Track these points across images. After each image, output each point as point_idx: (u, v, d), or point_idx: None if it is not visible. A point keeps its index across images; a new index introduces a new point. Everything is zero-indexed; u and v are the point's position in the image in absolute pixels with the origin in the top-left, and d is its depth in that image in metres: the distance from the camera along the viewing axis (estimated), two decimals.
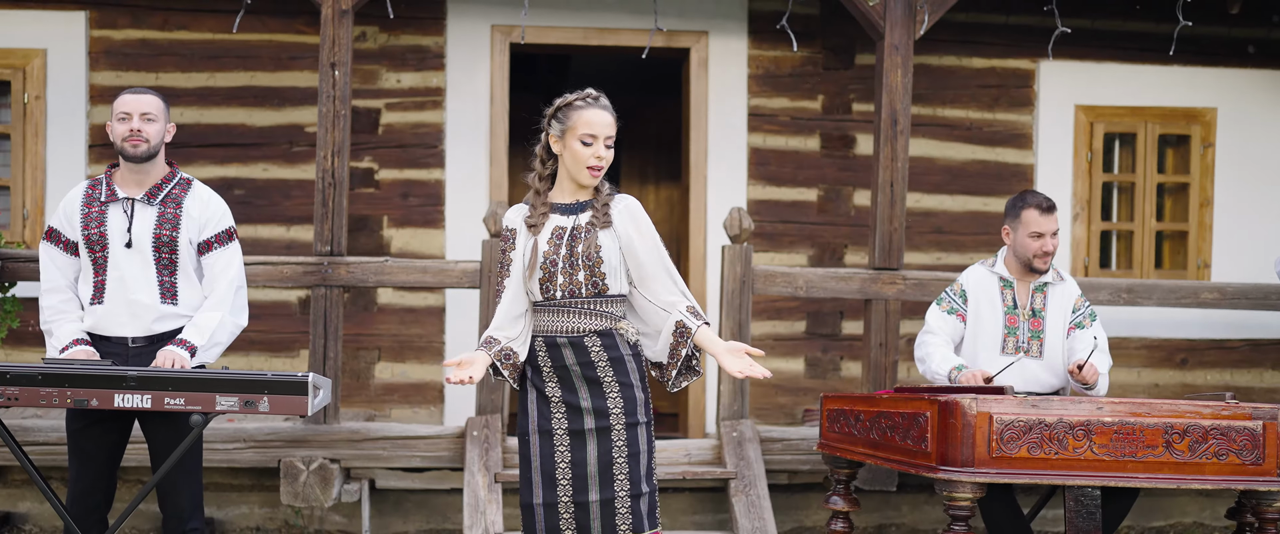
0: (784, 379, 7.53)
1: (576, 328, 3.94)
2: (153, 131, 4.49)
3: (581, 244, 3.90)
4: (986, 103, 7.62)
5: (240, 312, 4.63)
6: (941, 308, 5.33)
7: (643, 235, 3.94)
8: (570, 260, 3.91)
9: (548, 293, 3.94)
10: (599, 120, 3.91)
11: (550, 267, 3.92)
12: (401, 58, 7.29)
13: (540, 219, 3.97)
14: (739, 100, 7.46)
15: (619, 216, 3.94)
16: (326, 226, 6.13)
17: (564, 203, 3.98)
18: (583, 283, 3.91)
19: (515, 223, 4.02)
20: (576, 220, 3.96)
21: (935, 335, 5.29)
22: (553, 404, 3.98)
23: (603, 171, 3.94)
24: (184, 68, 7.22)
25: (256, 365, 7.26)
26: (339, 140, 6.13)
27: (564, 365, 3.95)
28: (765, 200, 7.49)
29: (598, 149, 3.90)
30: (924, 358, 5.29)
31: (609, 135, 3.91)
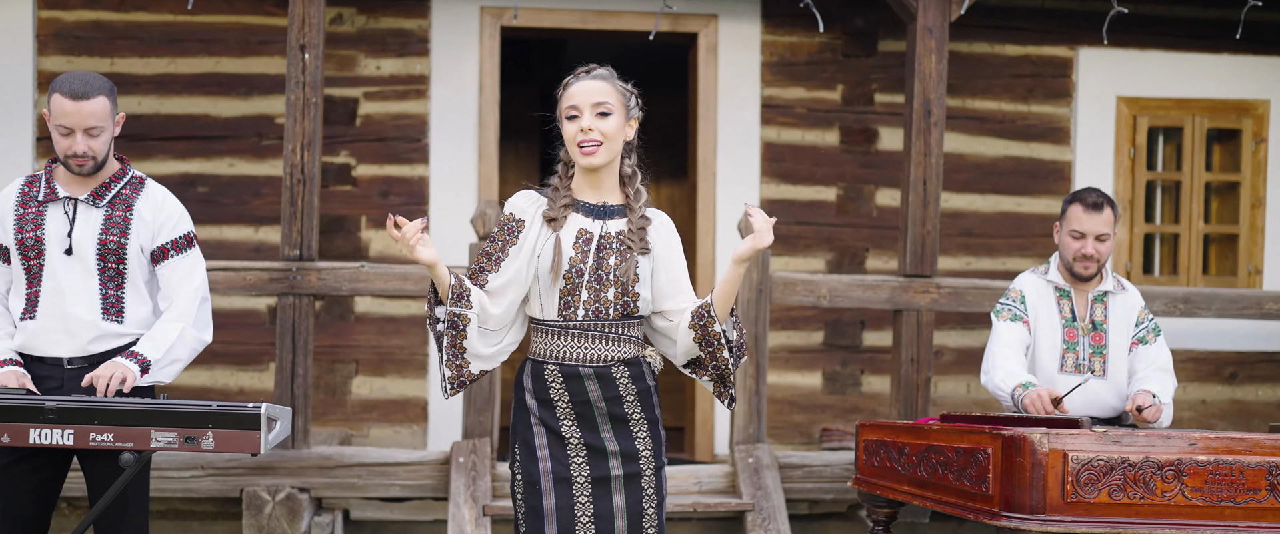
0: (800, 395, 6.90)
1: (602, 356, 3.36)
2: (99, 145, 3.84)
3: (614, 257, 3.34)
4: (1020, 94, 7.01)
5: (204, 326, 3.99)
6: (1003, 317, 4.69)
7: (674, 252, 3.46)
8: (598, 274, 3.34)
9: (568, 310, 3.34)
10: (579, 90, 3.34)
11: (574, 277, 3.33)
12: (382, 42, 6.65)
13: (562, 213, 3.37)
14: (751, 90, 6.83)
15: (656, 239, 3.43)
16: (295, 228, 5.48)
17: (589, 201, 3.40)
18: (611, 302, 3.34)
19: (526, 212, 3.40)
20: (605, 226, 3.38)
21: (1006, 346, 4.64)
22: (571, 446, 3.37)
23: (603, 148, 3.33)
24: (141, 53, 6.57)
25: (222, 380, 6.61)
26: (309, 131, 5.48)
27: (587, 401, 3.36)
28: (780, 200, 6.86)
29: (583, 122, 3.31)
30: (989, 369, 4.65)
31: (598, 102, 3.31)
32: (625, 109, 3.35)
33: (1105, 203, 4.53)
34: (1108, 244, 4.53)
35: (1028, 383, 4.51)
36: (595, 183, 3.39)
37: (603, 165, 3.36)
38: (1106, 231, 4.51)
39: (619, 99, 3.33)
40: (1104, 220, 4.51)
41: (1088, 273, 4.54)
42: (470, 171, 6.66)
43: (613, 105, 3.31)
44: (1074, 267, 4.55)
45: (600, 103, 3.32)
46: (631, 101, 3.40)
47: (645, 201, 3.44)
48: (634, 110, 3.41)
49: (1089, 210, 4.50)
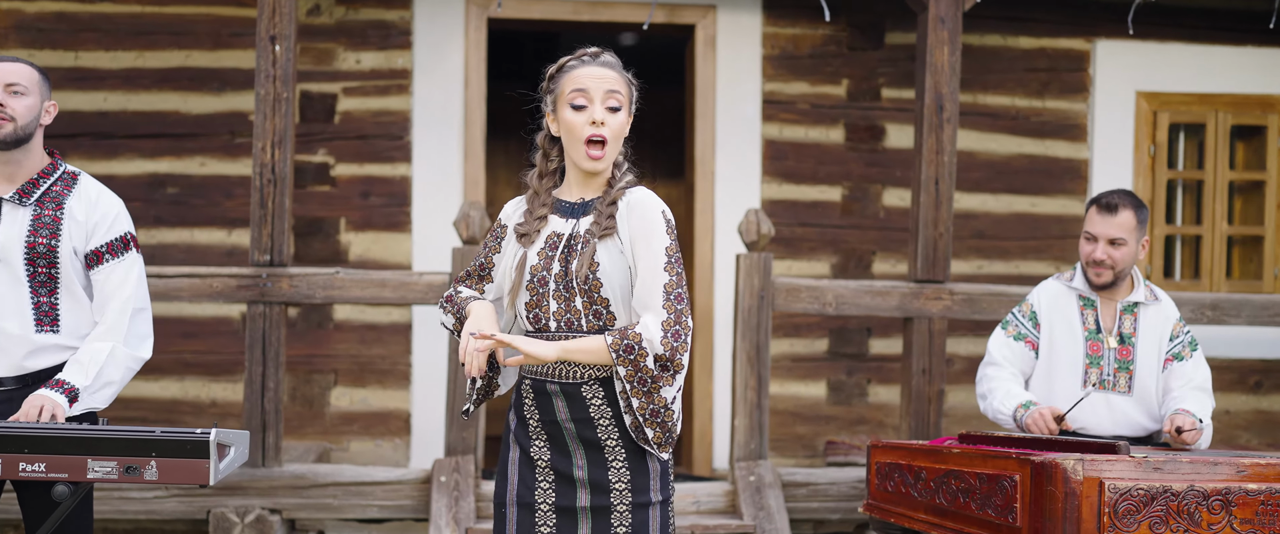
0: (803, 406, 6.55)
1: (572, 371, 2.98)
2: (21, 107, 3.46)
3: (577, 259, 2.93)
4: (1035, 88, 6.66)
5: (140, 341, 3.61)
6: (1007, 333, 4.38)
7: (650, 241, 2.91)
8: (564, 280, 2.95)
9: (539, 323, 2.99)
10: (589, 76, 2.96)
11: (539, 287, 2.97)
12: (361, 35, 6.30)
13: (535, 226, 3.02)
14: (752, 85, 6.48)
15: (624, 218, 2.94)
16: (265, 232, 5.13)
17: (567, 200, 3.04)
18: (582, 312, 2.95)
19: (511, 219, 3.11)
20: (577, 225, 3.00)
21: (999, 367, 4.34)
22: (538, 469, 3.03)
23: (608, 149, 2.95)
24: (108, 46, 6.22)
25: (193, 392, 6.27)
26: (280, 128, 5.13)
27: (555, 420, 3.01)
28: (781, 200, 6.51)
29: (594, 112, 2.93)
30: (985, 394, 4.33)
31: (611, 91, 2.94)
32: (630, 103, 3.00)
33: (1124, 205, 4.18)
34: (1123, 250, 4.18)
35: (1029, 402, 4.18)
36: (586, 178, 3.01)
37: (605, 168, 3.00)
38: (1122, 236, 4.16)
39: (627, 93, 2.99)
40: (1119, 224, 4.15)
41: (1100, 281, 4.20)
42: (455, 171, 6.31)
43: (623, 99, 2.97)
44: (1088, 272, 4.22)
45: (613, 92, 2.95)
46: (634, 94, 3.05)
47: (629, 183, 3.01)
48: (636, 104, 3.06)
49: (1102, 212, 4.16)
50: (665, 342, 2.84)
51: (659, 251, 2.90)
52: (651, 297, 2.88)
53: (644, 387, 2.88)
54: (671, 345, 2.84)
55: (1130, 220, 4.14)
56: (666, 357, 2.85)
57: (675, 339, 2.85)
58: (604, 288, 2.91)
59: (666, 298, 2.87)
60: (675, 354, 2.85)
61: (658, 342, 2.84)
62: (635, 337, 2.85)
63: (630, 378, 2.87)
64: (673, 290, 2.89)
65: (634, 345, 2.85)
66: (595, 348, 2.88)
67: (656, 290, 2.87)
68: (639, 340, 2.85)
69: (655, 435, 2.92)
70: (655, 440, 2.93)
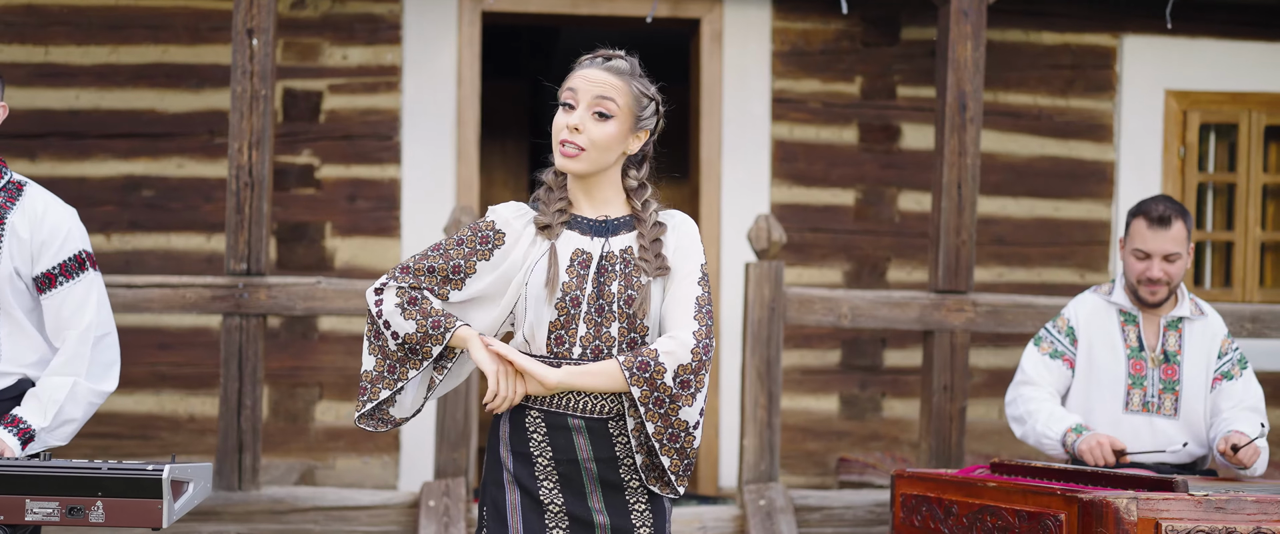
0: (814, 421, 6.22)
1: (598, 405, 2.69)
2: None
3: (617, 282, 2.66)
4: (1059, 87, 6.33)
5: (103, 372, 3.21)
6: (1041, 350, 4.04)
7: (688, 259, 2.73)
8: (598, 303, 2.66)
9: (561, 346, 2.67)
10: (588, 77, 2.68)
11: (571, 307, 2.66)
12: (348, 29, 5.96)
13: (557, 219, 2.71)
14: (760, 82, 6.15)
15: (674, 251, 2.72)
16: (242, 238, 4.79)
17: (587, 217, 2.73)
18: (615, 340, 2.67)
19: (511, 226, 2.74)
20: (608, 245, 2.70)
21: (1035, 387, 4.00)
22: (549, 514, 2.70)
23: (580, 156, 2.66)
24: (79, 40, 5.89)
25: (170, 406, 5.93)
26: (257, 128, 4.79)
27: (573, 460, 2.69)
28: (792, 204, 6.18)
29: (576, 116, 2.65)
30: (1022, 417, 3.99)
31: (600, 97, 2.65)
32: (633, 118, 2.68)
33: (1175, 215, 3.83)
34: (1178, 264, 3.84)
35: (1080, 426, 3.84)
36: (590, 190, 2.72)
37: (585, 174, 2.70)
38: (1176, 251, 3.82)
39: (629, 102, 2.66)
40: (1173, 237, 3.81)
41: (1155, 299, 3.86)
42: (447, 173, 5.97)
43: (618, 107, 2.64)
44: (1139, 291, 3.87)
45: (603, 99, 2.65)
46: (648, 109, 2.72)
47: (656, 211, 2.75)
48: (647, 120, 2.73)
49: (1155, 226, 3.81)
50: (696, 352, 2.63)
51: (695, 268, 2.71)
52: (683, 309, 2.67)
53: (660, 408, 2.61)
54: (701, 359, 2.63)
55: (1182, 232, 3.81)
56: (693, 368, 2.62)
57: (705, 353, 2.64)
58: (648, 317, 2.69)
59: (699, 310, 2.67)
60: (702, 368, 2.64)
61: (687, 352, 2.62)
62: (650, 353, 2.61)
63: (646, 399, 2.60)
64: (704, 304, 2.69)
65: (649, 362, 2.60)
66: (605, 370, 2.62)
67: (689, 303, 2.67)
68: (654, 357, 2.60)
69: (672, 463, 2.64)
70: (672, 469, 2.65)
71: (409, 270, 2.74)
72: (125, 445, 5.90)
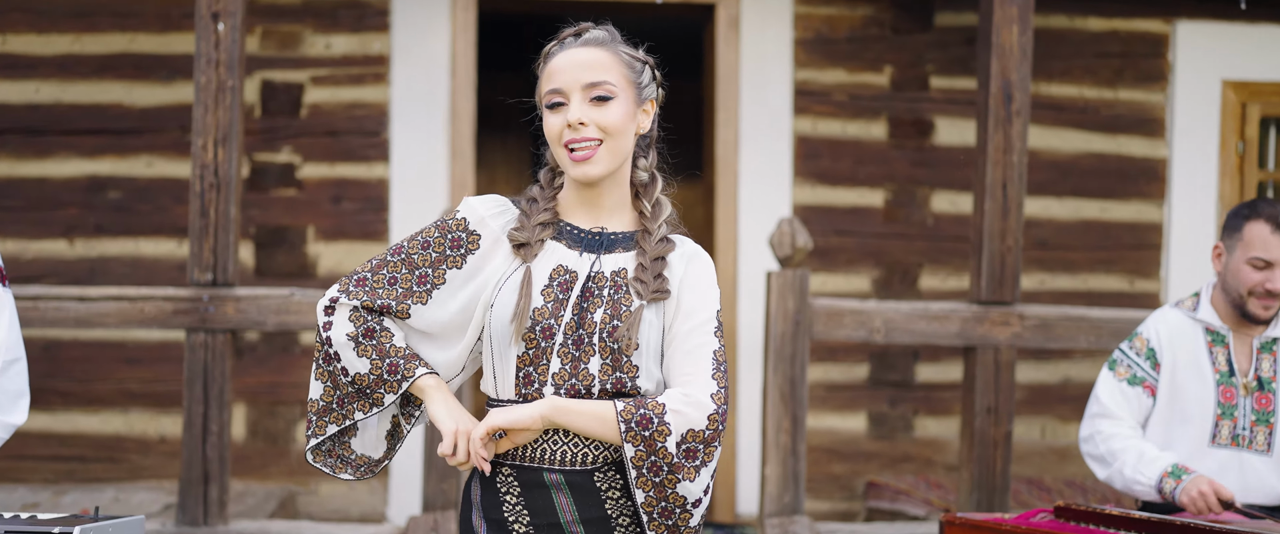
0: (840, 441, 5.71)
1: (579, 456, 2.19)
2: None
3: (602, 310, 2.19)
4: (1106, 77, 5.81)
5: (13, 403, 2.72)
6: (1118, 375, 3.50)
7: (701, 298, 2.25)
8: (578, 335, 2.18)
9: (530, 386, 2.19)
10: (565, 64, 2.21)
11: (542, 338, 2.18)
12: (331, 15, 5.47)
13: (536, 236, 2.24)
14: (782, 73, 5.64)
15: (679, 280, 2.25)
16: (207, 245, 4.31)
17: (578, 226, 2.26)
18: (594, 378, 2.18)
19: (486, 225, 2.26)
20: (598, 263, 2.23)
21: (1117, 421, 3.47)
22: None
23: (598, 152, 2.19)
24: (40, 28, 5.42)
25: (139, 426, 5.46)
26: (224, 123, 4.31)
27: (556, 524, 2.20)
28: (816, 206, 5.67)
29: (573, 110, 2.19)
30: (1105, 457, 3.45)
31: (593, 81, 2.19)
32: (635, 88, 2.22)
33: None
34: None
35: (1178, 469, 3.31)
36: (593, 198, 2.25)
37: (604, 176, 2.21)
38: None
39: (625, 73, 2.21)
40: None
41: (1267, 314, 3.35)
42: (440, 172, 5.48)
43: (615, 84, 2.18)
44: (1248, 306, 3.35)
45: (597, 82, 2.18)
46: (645, 75, 2.26)
47: (669, 219, 2.29)
48: (648, 87, 2.27)
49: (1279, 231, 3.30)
50: (712, 418, 2.13)
51: (711, 315, 2.23)
52: (698, 362, 2.18)
53: (656, 476, 2.12)
54: (716, 428, 2.14)
55: None
56: (705, 437, 2.13)
57: (721, 421, 2.15)
58: (637, 352, 2.18)
59: (717, 368, 2.19)
60: (715, 439, 2.15)
61: (703, 416, 2.13)
62: (656, 408, 2.12)
63: (640, 461, 2.11)
64: (722, 361, 2.21)
65: (652, 419, 2.11)
66: (598, 413, 2.14)
67: (705, 355, 2.19)
68: (660, 414, 2.11)
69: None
70: None
71: (365, 282, 2.26)
72: (91, 468, 5.43)
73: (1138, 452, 3.36)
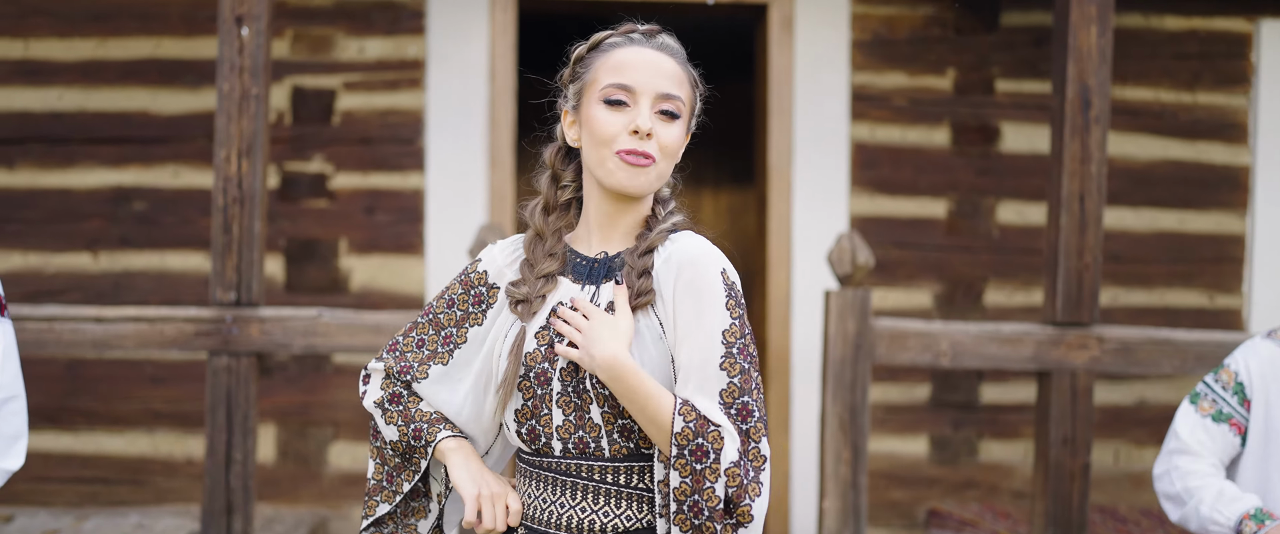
0: (900, 465, 5.40)
1: (589, 521, 1.94)
2: None
3: None
4: (1184, 79, 5.46)
5: (7, 447, 2.51)
6: (1200, 410, 3.18)
7: (702, 317, 1.89)
8: (576, 378, 1.92)
9: (536, 441, 1.96)
10: (645, 61, 1.94)
11: (537, 386, 1.94)
12: (365, 18, 5.22)
13: (536, 290, 1.98)
14: (838, 76, 5.33)
15: (667, 280, 1.93)
16: (230, 263, 4.06)
17: (583, 255, 2.01)
18: (600, 429, 1.92)
19: (505, 276, 2.05)
20: (596, 296, 1.97)
21: (1196, 457, 3.15)
22: None
23: (650, 169, 1.94)
24: (62, 32, 5.19)
25: (165, 447, 5.23)
26: (248, 133, 4.06)
27: None
28: (874, 217, 5.36)
29: (639, 116, 1.92)
30: (1180, 496, 3.14)
31: (666, 93, 1.95)
32: (692, 113, 2.02)
33: None
34: None
35: (1261, 512, 2.99)
36: (612, 217, 1.99)
37: (643, 195, 1.98)
38: None
39: (690, 94, 2.00)
40: None
41: None
42: (479, 181, 5.22)
43: (684, 103, 1.96)
44: None
45: (671, 96, 1.95)
46: (698, 102, 2.05)
47: (673, 224, 2.00)
48: (697, 117, 2.07)
49: None
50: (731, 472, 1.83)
51: (714, 334, 1.88)
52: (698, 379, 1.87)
53: (696, 517, 1.82)
54: (740, 484, 1.83)
55: None
56: (731, 501, 1.84)
57: (745, 476, 1.84)
58: None
59: (727, 409, 1.86)
60: (742, 497, 1.83)
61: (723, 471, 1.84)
62: (715, 437, 1.83)
63: (682, 493, 1.83)
64: (736, 398, 1.87)
65: (708, 450, 1.82)
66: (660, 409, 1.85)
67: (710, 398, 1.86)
68: (717, 445, 1.82)
69: None
70: None
71: (397, 347, 2.11)
72: (115, 491, 5.20)
73: (1217, 490, 3.03)
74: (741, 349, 1.88)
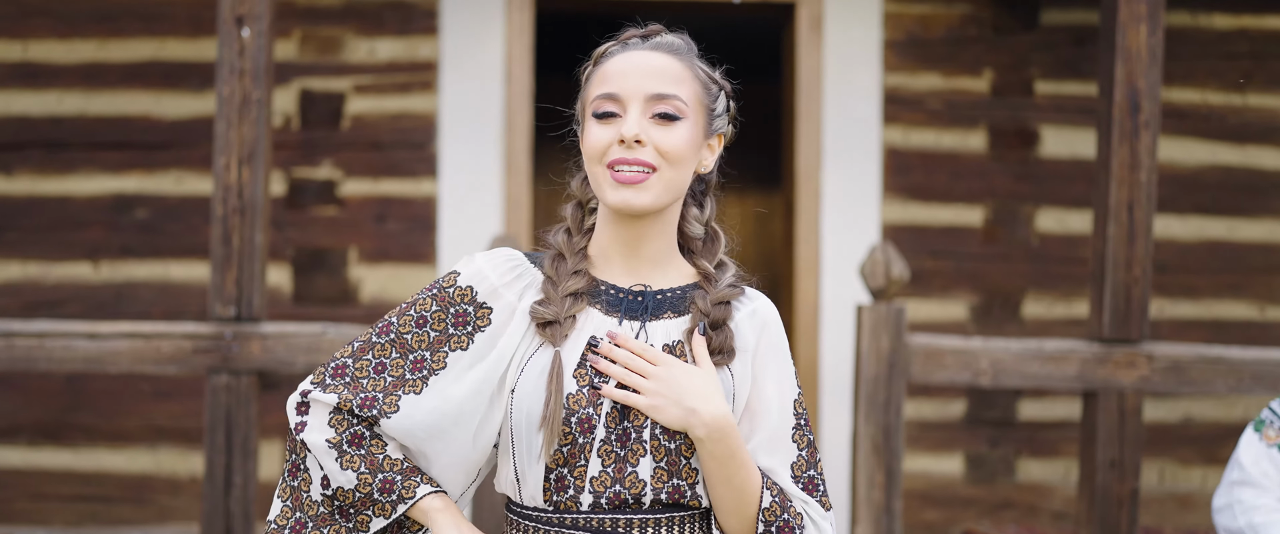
0: (934, 485, 5.16)
1: None
2: None
3: None
4: (1233, 81, 5.24)
5: None
6: (1266, 439, 2.95)
7: (781, 382, 1.78)
8: (622, 426, 1.71)
9: (563, 493, 1.73)
10: (625, 67, 1.73)
11: (579, 430, 1.71)
12: (376, 18, 5.02)
13: (566, 310, 1.76)
14: (870, 77, 5.10)
15: (751, 338, 1.79)
16: (230, 277, 3.86)
17: (616, 285, 1.80)
18: (646, 484, 1.71)
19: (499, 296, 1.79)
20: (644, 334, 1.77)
21: (1259, 490, 2.92)
22: None
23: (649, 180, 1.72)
24: (63, 33, 5.02)
25: (168, 465, 5.04)
26: (249, 139, 3.86)
27: None
28: (907, 225, 5.13)
29: (628, 123, 1.70)
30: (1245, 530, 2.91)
31: (659, 93, 1.71)
32: (707, 114, 1.77)
33: None
34: None
35: None
36: (631, 242, 1.78)
37: (650, 211, 1.74)
38: None
39: (698, 94, 1.75)
40: None
41: None
42: (494, 188, 5.01)
43: (686, 102, 1.72)
44: None
45: (665, 95, 1.72)
46: (720, 102, 1.80)
47: (733, 277, 1.81)
48: (720, 118, 1.82)
49: None
50: None
51: (787, 403, 1.77)
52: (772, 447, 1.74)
53: None
54: None
55: None
56: None
57: None
58: None
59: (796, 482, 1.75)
60: None
61: None
62: (796, 514, 1.71)
63: None
64: (804, 471, 1.75)
65: (794, 527, 1.71)
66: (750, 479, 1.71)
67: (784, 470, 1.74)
68: (798, 520, 1.71)
69: None
70: None
71: (344, 371, 1.79)
72: (116, 510, 5.02)
73: None
74: (807, 420, 1.78)
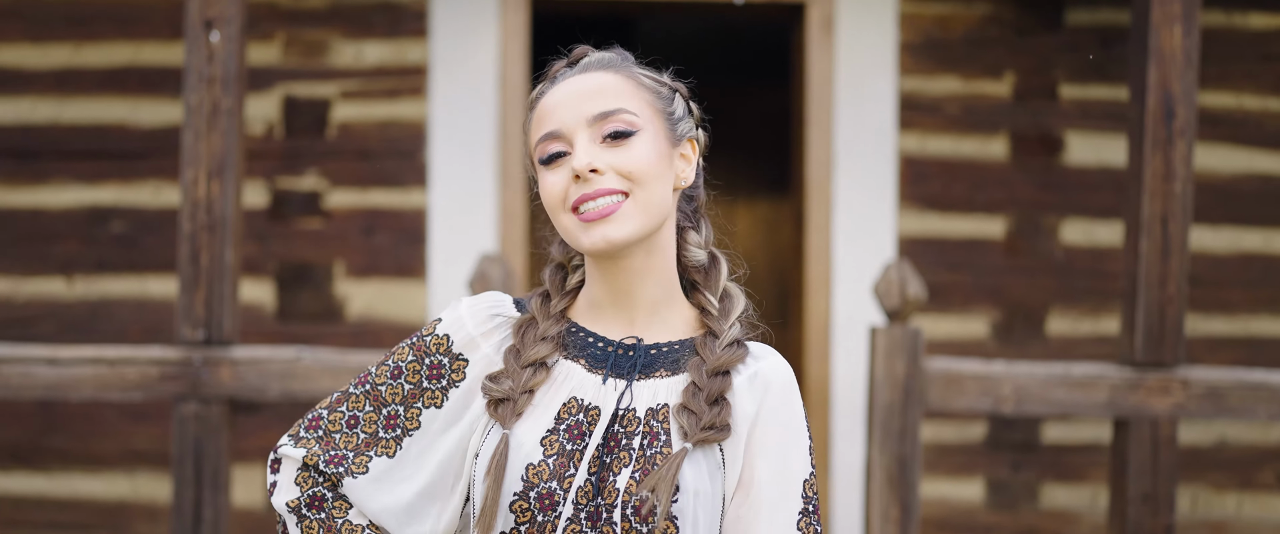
0: (953, 511, 4.89)
1: None
2: None
3: (632, 471, 1.51)
4: (1270, 84, 4.95)
5: None
6: None
7: (789, 459, 1.56)
8: (594, 502, 1.51)
9: None
10: (564, 95, 1.55)
11: (540, 510, 1.52)
12: (363, 20, 4.77)
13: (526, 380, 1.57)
14: (884, 81, 4.83)
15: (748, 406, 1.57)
16: (199, 298, 3.62)
17: (604, 338, 1.59)
18: None
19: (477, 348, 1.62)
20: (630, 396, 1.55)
21: None
22: None
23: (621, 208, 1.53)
24: (35, 36, 4.79)
25: (145, 491, 4.81)
26: (218, 151, 3.61)
27: None
28: (924, 237, 4.86)
29: (578, 155, 1.52)
30: None
31: (601, 112, 1.53)
32: (666, 120, 1.58)
33: None
34: None
35: None
36: (622, 287, 1.58)
37: (633, 242, 1.53)
38: None
39: (648, 101, 1.56)
40: None
41: None
42: (487, 199, 4.76)
43: (635, 113, 1.54)
44: None
45: (609, 112, 1.53)
46: (676, 104, 1.60)
47: (743, 316, 1.61)
48: (684, 122, 1.61)
49: None
50: None
51: (795, 485, 1.55)
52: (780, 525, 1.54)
53: None
54: None
55: None
56: None
57: None
58: (682, 527, 1.50)
59: None
60: None
61: None
62: None
63: None
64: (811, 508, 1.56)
65: None
66: None
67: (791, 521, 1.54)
68: None
69: None
70: None
71: (318, 424, 1.64)
72: None
73: None
74: (816, 505, 1.55)
